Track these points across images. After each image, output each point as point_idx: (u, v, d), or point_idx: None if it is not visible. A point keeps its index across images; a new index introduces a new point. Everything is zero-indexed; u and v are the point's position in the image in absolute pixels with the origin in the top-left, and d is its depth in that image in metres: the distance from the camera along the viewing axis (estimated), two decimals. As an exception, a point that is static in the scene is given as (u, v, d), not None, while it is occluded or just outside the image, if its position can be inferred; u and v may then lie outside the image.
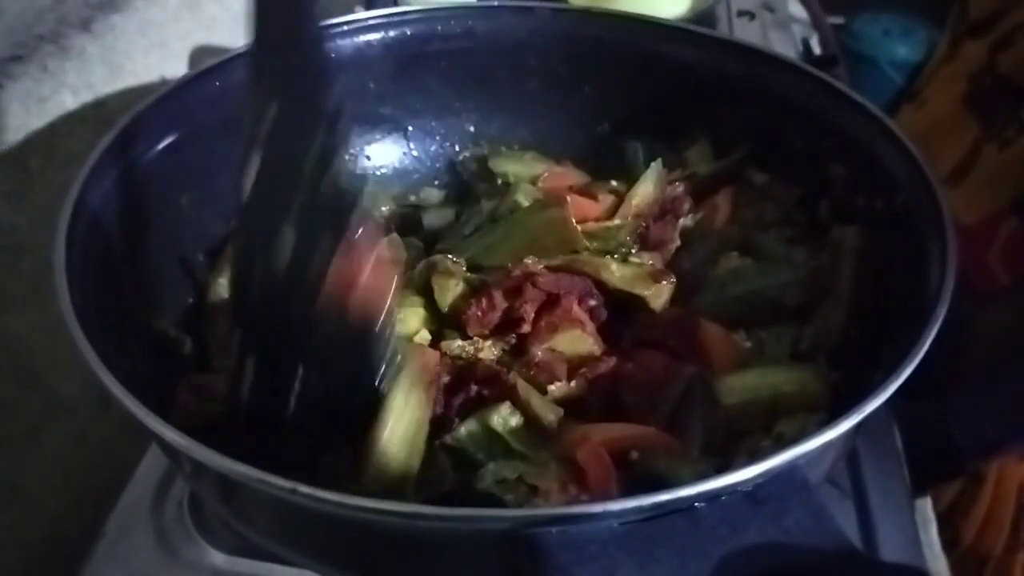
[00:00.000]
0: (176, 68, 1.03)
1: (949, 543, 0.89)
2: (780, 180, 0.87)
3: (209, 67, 0.82)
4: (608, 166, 0.92)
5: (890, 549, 0.75)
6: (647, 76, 0.92)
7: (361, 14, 0.90)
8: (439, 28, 0.92)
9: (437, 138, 0.98)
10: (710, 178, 0.88)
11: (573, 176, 0.92)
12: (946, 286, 0.58)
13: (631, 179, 0.87)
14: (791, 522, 0.47)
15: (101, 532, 0.77)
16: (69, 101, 0.88)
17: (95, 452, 0.94)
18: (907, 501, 0.79)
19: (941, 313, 0.56)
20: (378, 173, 0.97)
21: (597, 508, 0.45)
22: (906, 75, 2.11)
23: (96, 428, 0.94)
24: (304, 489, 0.44)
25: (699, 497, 0.46)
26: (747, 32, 1.38)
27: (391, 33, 0.91)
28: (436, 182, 0.99)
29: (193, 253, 0.81)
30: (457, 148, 0.99)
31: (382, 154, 0.98)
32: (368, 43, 0.91)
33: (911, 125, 1.03)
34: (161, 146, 0.77)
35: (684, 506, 0.46)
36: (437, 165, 0.99)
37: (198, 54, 1.06)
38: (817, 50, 1.44)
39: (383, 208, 0.93)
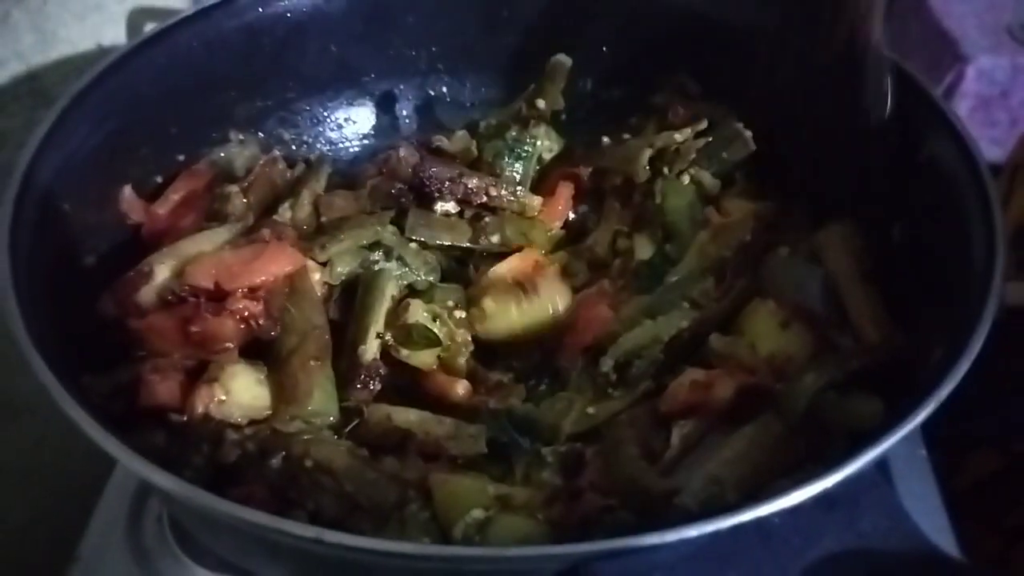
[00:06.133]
0: (115, 34, 0.93)
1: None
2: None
3: (151, 35, 0.74)
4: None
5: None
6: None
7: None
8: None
9: (410, 99, 0.91)
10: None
11: None
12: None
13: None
14: (867, 525, 0.43)
15: (75, 556, 0.69)
16: (-3, 74, 0.80)
17: (59, 455, 0.86)
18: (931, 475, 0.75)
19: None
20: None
21: (656, 540, 0.41)
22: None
23: (59, 428, 0.86)
24: (331, 538, 0.38)
25: (776, 515, 0.41)
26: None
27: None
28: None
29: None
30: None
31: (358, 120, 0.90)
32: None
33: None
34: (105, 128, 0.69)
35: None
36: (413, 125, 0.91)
37: (138, 16, 0.95)
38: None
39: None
